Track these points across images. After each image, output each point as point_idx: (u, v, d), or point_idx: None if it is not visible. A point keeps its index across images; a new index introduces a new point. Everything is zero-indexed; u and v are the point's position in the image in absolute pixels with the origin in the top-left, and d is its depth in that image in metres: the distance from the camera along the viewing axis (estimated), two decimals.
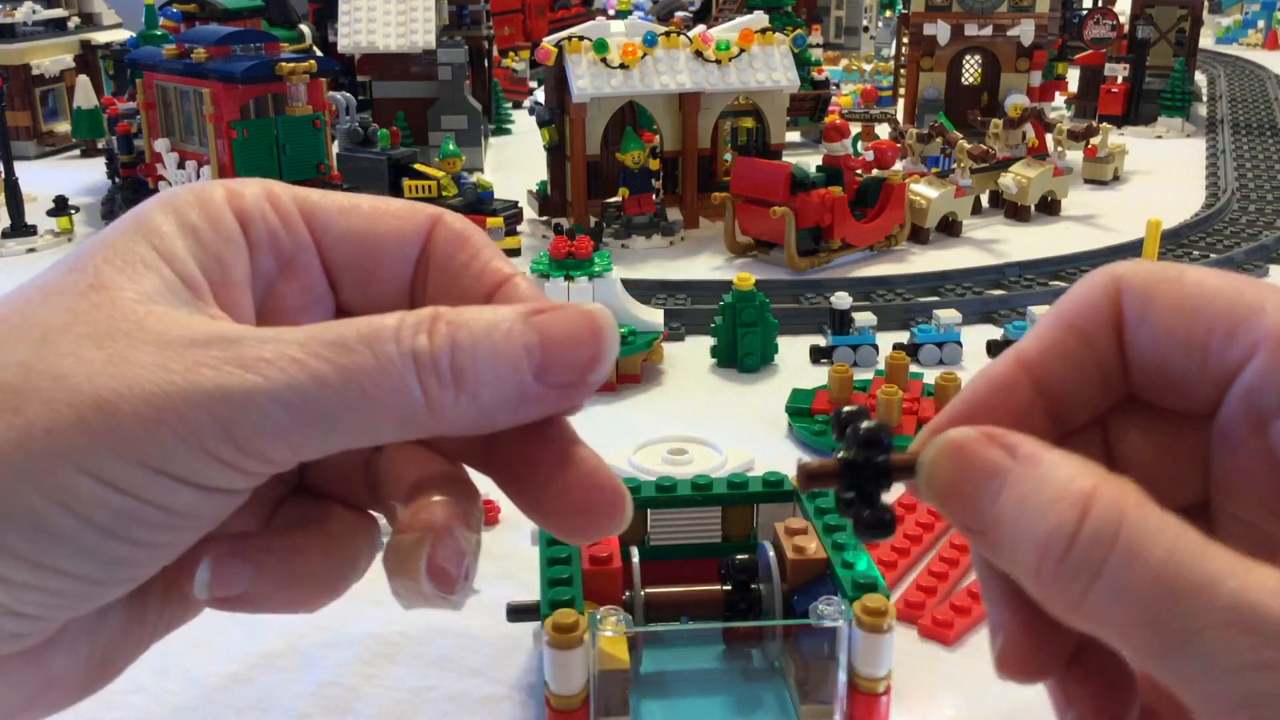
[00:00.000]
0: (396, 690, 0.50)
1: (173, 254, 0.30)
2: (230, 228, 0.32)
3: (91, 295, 0.29)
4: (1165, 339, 0.30)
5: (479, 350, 0.28)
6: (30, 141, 1.88)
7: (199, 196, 0.32)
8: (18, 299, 0.30)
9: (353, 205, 0.34)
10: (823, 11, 2.96)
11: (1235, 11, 3.70)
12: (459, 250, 0.33)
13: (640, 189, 1.34)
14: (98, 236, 0.31)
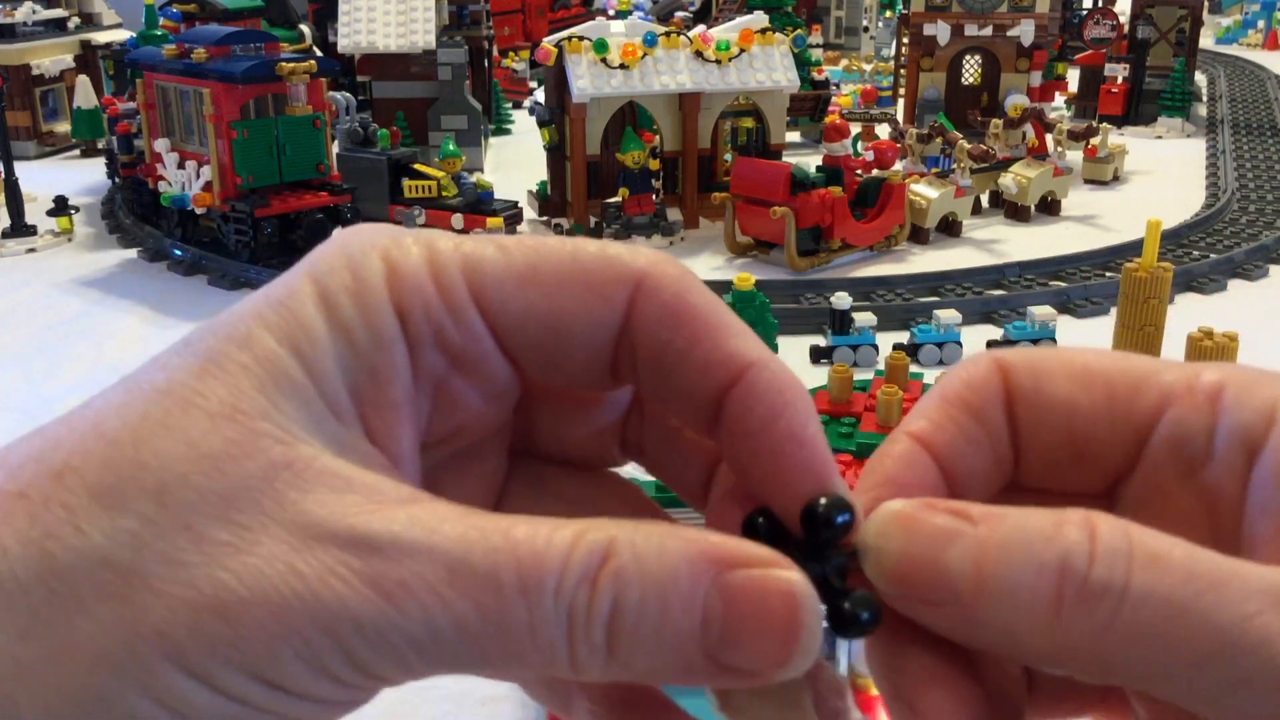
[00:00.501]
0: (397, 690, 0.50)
1: (322, 371, 0.26)
2: (388, 330, 0.26)
3: (224, 425, 0.24)
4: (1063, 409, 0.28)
5: (645, 615, 0.24)
6: (30, 141, 1.88)
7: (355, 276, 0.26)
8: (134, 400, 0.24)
9: (533, 272, 0.27)
10: (823, 11, 2.96)
11: (1235, 11, 3.70)
12: (674, 334, 0.27)
13: (640, 189, 1.34)
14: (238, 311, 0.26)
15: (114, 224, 1.46)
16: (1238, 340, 0.85)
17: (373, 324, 0.26)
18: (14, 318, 1.09)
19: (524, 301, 0.27)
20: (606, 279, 0.27)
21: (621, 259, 0.27)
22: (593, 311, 0.27)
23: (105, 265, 1.30)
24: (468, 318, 0.27)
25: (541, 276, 0.27)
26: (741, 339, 0.27)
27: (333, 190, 1.24)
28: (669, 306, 0.27)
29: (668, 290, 0.27)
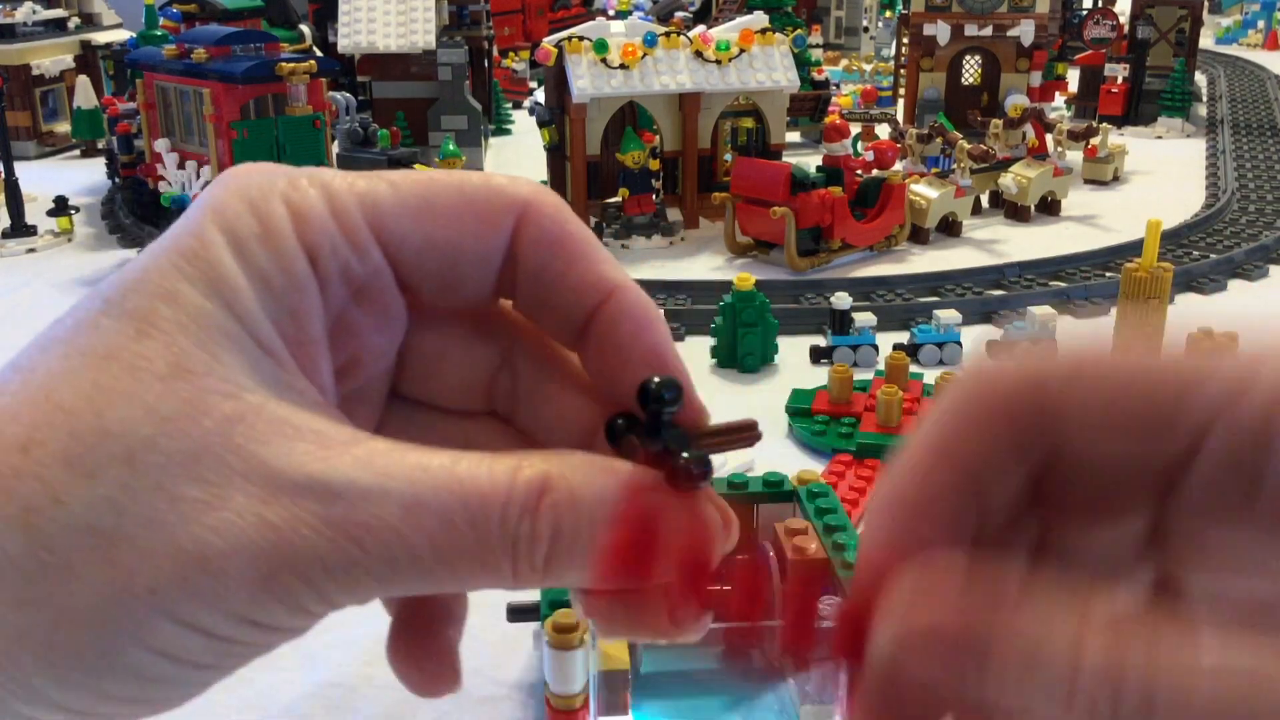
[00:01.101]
0: (396, 690, 0.50)
1: (249, 316, 0.27)
2: (302, 272, 0.28)
3: (176, 385, 0.26)
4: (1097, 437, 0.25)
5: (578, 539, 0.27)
6: (30, 141, 1.88)
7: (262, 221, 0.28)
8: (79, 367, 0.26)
9: (428, 205, 0.29)
10: (823, 12, 2.96)
11: (1235, 11, 3.70)
12: (553, 256, 0.30)
13: (640, 189, 1.34)
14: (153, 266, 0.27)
15: (114, 224, 1.46)
16: (1238, 340, 0.85)
17: (287, 268, 0.28)
18: (14, 318, 1.09)
19: (420, 233, 0.29)
20: (494, 208, 0.30)
21: (506, 189, 0.30)
22: (482, 238, 0.30)
23: (105, 265, 1.31)
24: (370, 252, 0.29)
25: (435, 208, 0.29)
26: (610, 265, 0.30)
27: None
28: (550, 231, 0.30)
29: (548, 217, 0.30)
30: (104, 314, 0.26)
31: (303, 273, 0.28)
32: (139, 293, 0.27)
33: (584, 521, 0.27)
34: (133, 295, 0.26)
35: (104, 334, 0.26)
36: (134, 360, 0.26)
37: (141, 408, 0.25)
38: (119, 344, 0.26)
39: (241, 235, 0.27)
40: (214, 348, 0.26)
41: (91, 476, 0.24)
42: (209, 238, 0.27)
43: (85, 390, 0.25)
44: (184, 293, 0.27)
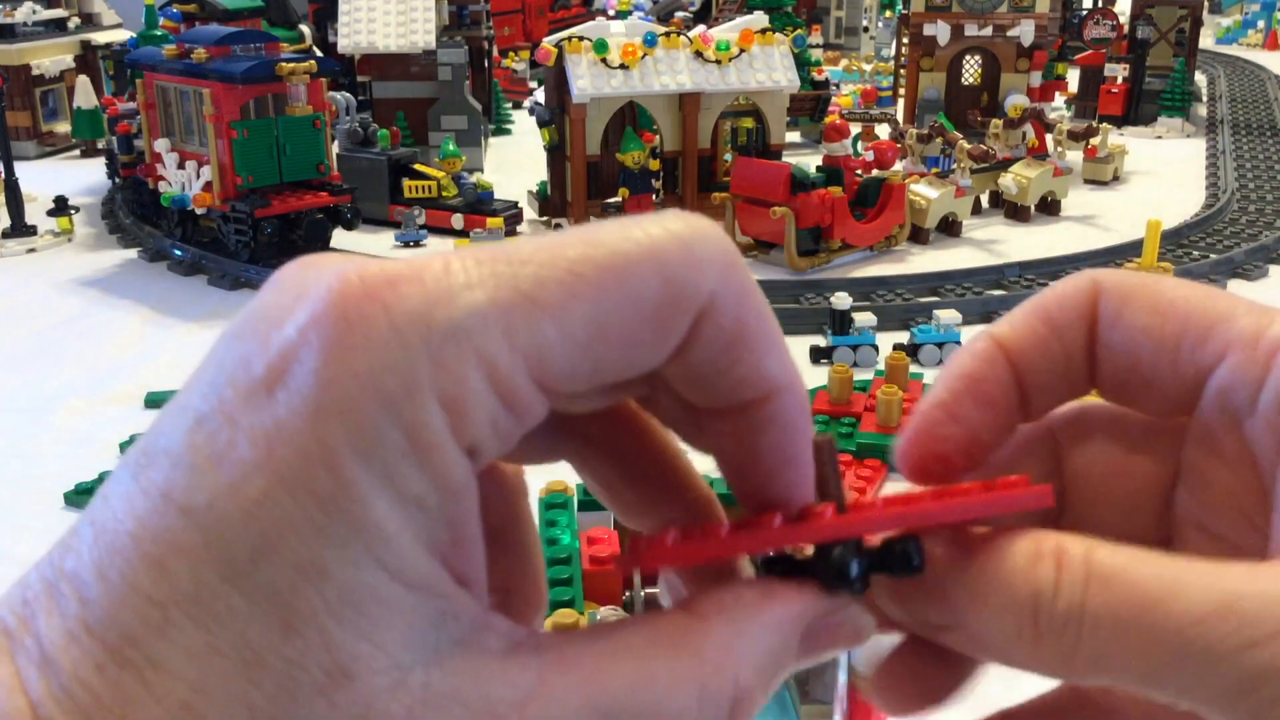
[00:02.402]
0: None
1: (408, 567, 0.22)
2: (460, 479, 0.23)
3: (338, 698, 0.22)
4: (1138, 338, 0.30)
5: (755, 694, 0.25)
6: (30, 141, 1.88)
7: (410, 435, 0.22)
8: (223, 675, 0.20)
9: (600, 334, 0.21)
10: (823, 12, 2.96)
11: (1235, 11, 3.70)
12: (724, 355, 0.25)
13: (640, 189, 1.34)
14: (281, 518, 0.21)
15: (114, 224, 1.46)
16: None
17: (444, 484, 0.23)
18: (14, 318, 1.09)
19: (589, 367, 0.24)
20: (673, 313, 0.25)
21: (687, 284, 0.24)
22: (653, 350, 0.25)
23: (105, 265, 1.30)
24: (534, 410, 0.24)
25: (609, 336, 0.24)
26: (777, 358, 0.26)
27: (333, 190, 1.24)
28: (727, 333, 0.25)
29: (729, 316, 0.25)
30: (233, 586, 0.22)
31: (461, 480, 0.23)
32: (275, 562, 0.22)
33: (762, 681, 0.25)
34: (267, 565, 0.22)
35: (243, 626, 0.22)
36: (288, 670, 0.22)
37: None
38: (265, 644, 0.21)
39: (390, 461, 0.22)
40: (373, 631, 0.22)
41: None
42: (348, 473, 0.22)
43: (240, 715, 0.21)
44: (331, 568, 0.22)
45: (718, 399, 0.27)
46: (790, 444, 0.27)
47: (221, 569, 0.22)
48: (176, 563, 0.22)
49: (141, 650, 0.21)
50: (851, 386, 0.84)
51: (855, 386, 0.86)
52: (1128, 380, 0.31)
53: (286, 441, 0.22)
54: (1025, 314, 0.31)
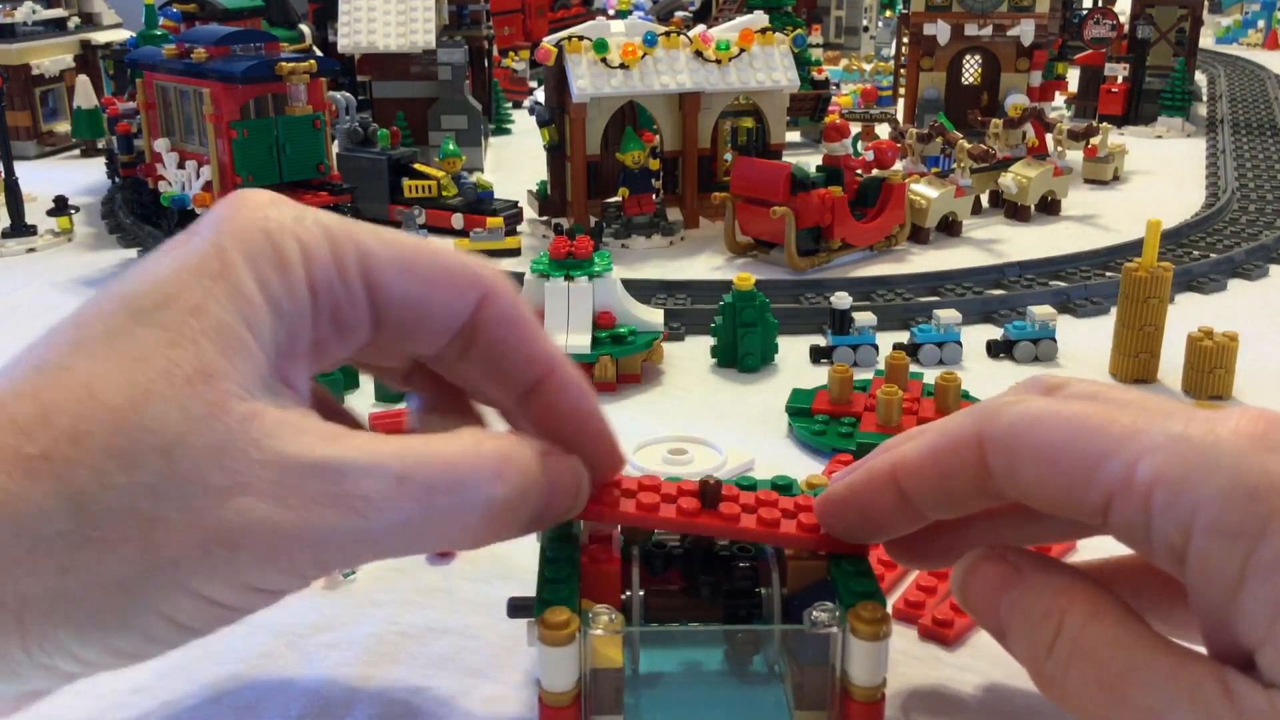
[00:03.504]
0: (396, 690, 0.50)
1: (262, 334, 0.32)
2: (304, 300, 0.33)
3: (202, 388, 0.29)
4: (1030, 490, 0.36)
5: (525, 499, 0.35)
6: (30, 141, 1.88)
7: (278, 251, 0.33)
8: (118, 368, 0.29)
9: (410, 264, 0.35)
10: (823, 11, 2.96)
11: (1235, 11, 3.70)
12: (508, 333, 0.37)
13: (640, 189, 1.34)
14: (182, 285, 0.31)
15: (114, 224, 1.46)
16: (1238, 340, 0.85)
17: (294, 297, 0.33)
18: (14, 318, 1.09)
19: (402, 287, 0.35)
20: (465, 281, 0.36)
21: (474, 268, 0.37)
22: (450, 304, 0.36)
23: (105, 265, 1.31)
24: (359, 296, 0.35)
25: (418, 269, 0.35)
26: (550, 343, 0.39)
27: (333, 190, 1.24)
28: (508, 312, 0.37)
29: (506, 299, 0.37)
30: (138, 324, 0.30)
31: (304, 302, 0.33)
32: (170, 308, 0.31)
33: (531, 484, 0.35)
34: (165, 310, 0.30)
35: (139, 341, 0.30)
36: (167, 365, 0.29)
37: (175, 407, 0.29)
38: (153, 350, 0.30)
39: (260, 263, 0.32)
40: (233, 356, 0.30)
41: (134, 467, 0.28)
42: (233, 260, 0.32)
43: (125, 389, 0.29)
44: (210, 309, 0.31)
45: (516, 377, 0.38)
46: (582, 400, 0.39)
47: (131, 316, 0.31)
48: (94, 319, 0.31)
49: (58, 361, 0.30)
50: (851, 386, 0.84)
51: (855, 386, 0.86)
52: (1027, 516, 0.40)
53: (193, 248, 0.32)
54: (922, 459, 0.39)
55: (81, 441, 0.28)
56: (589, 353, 0.89)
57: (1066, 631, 0.35)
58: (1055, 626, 0.35)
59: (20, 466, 0.27)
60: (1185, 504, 0.31)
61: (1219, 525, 0.30)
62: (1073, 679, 0.34)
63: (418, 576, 0.60)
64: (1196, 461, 0.31)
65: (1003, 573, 0.38)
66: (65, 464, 0.27)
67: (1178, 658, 0.32)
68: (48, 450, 0.27)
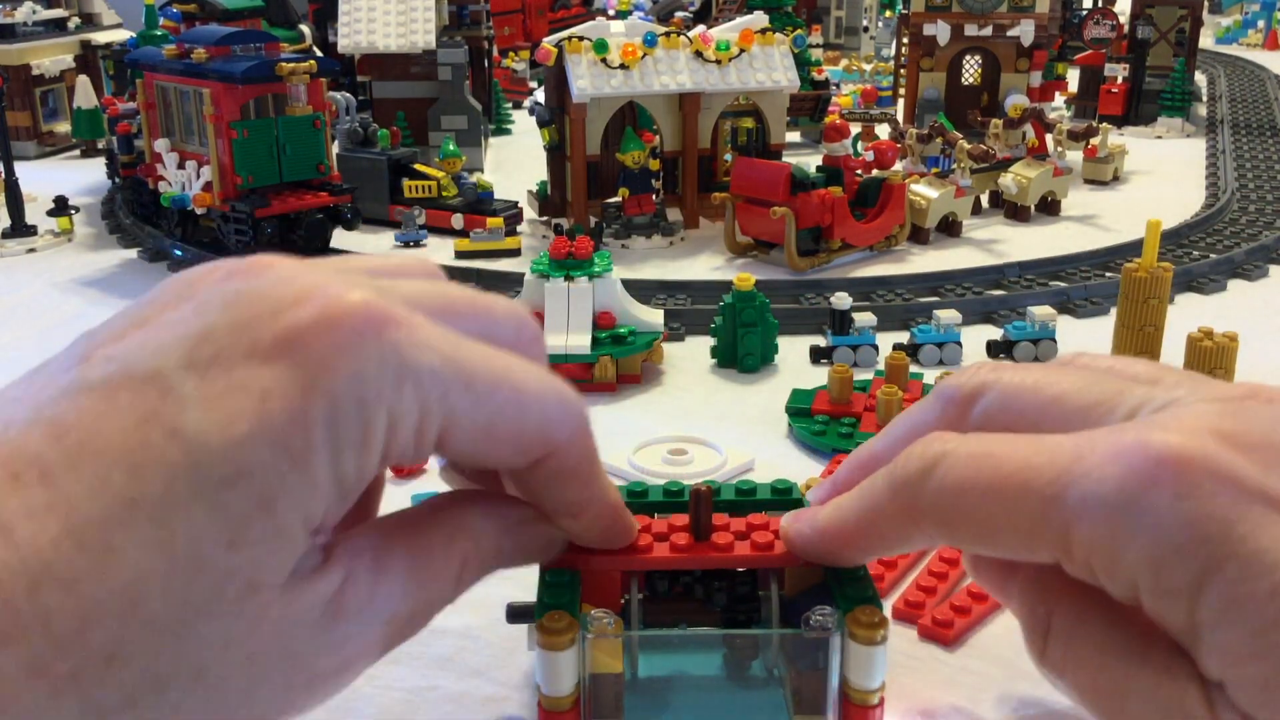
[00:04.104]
0: (396, 690, 0.50)
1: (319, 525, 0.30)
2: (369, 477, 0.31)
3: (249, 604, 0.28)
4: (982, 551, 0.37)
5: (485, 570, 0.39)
6: (30, 141, 1.88)
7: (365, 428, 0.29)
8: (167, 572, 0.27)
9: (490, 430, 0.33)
10: (823, 11, 2.96)
11: (1235, 11, 3.70)
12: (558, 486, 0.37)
13: (640, 189, 1.34)
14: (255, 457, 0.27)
15: (114, 224, 1.46)
16: (1238, 340, 0.85)
17: (363, 479, 0.30)
18: (14, 318, 1.09)
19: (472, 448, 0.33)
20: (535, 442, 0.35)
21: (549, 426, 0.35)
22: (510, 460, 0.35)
23: (105, 265, 1.31)
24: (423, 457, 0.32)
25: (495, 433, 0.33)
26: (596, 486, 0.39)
27: (333, 190, 1.24)
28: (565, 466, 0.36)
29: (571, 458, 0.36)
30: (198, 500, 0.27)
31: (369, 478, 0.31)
32: (238, 491, 0.27)
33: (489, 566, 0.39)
34: (232, 491, 0.27)
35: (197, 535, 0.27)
36: (221, 579, 0.27)
37: (219, 628, 0.27)
38: (210, 556, 0.27)
39: (342, 447, 0.29)
40: (283, 559, 0.29)
41: (164, 689, 0.26)
42: (315, 443, 0.29)
43: (174, 605, 0.26)
44: (278, 509, 0.28)
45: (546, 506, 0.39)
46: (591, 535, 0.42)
47: (193, 485, 0.27)
48: (153, 472, 0.26)
49: (101, 536, 0.25)
50: (851, 386, 0.84)
51: (855, 386, 0.86)
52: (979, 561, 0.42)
53: (279, 401, 0.28)
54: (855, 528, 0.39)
55: (114, 665, 0.26)
56: (589, 353, 0.89)
57: (1055, 634, 0.35)
58: (1044, 631, 0.36)
59: (47, 685, 0.25)
60: (1123, 571, 0.31)
61: (1158, 588, 0.30)
62: (1067, 677, 0.35)
63: None
64: (1119, 528, 0.30)
65: (1003, 560, 0.39)
66: (94, 686, 0.25)
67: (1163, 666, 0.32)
68: (78, 671, 0.25)
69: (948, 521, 0.35)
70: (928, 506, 0.35)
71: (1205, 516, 0.29)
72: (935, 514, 0.36)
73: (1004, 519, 0.34)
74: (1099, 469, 0.31)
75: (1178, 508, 0.30)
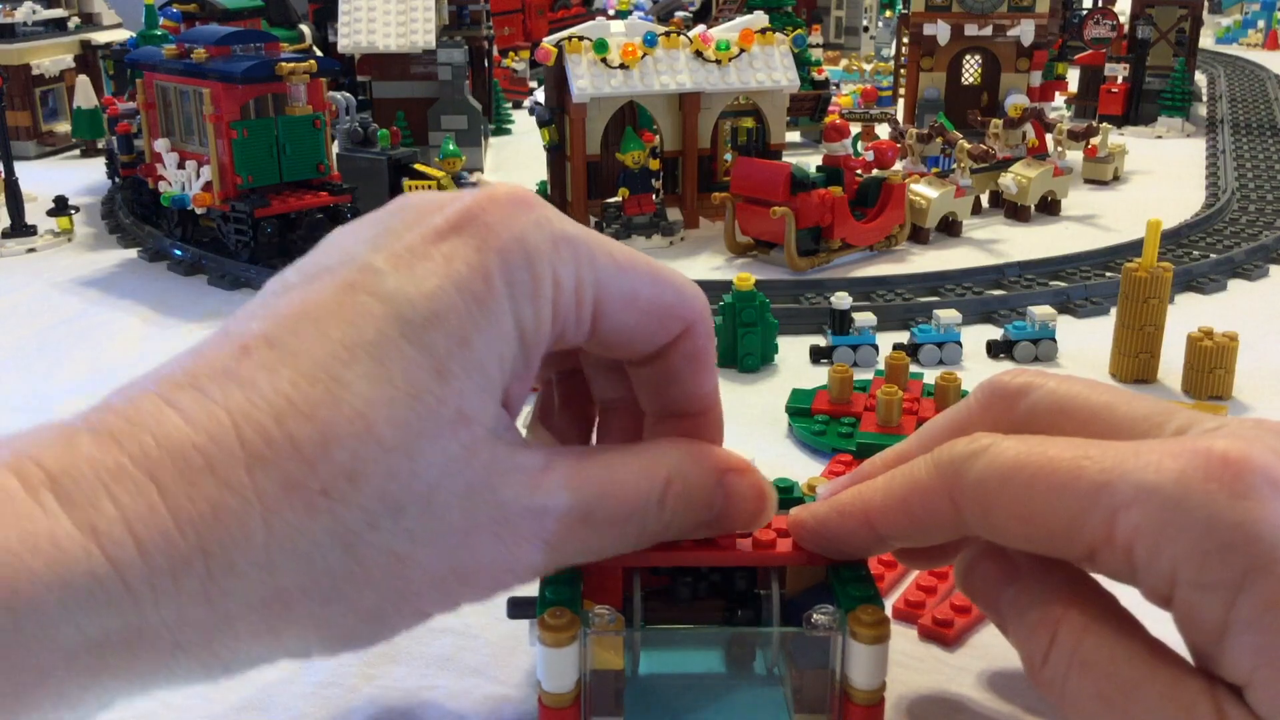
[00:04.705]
0: (396, 690, 0.50)
1: (507, 368, 0.34)
2: (546, 333, 0.35)
3: (462, 432, 0.32)
4: (1009, 540, 0.36)
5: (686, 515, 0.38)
6: (30, 141, 1.88)
7: (536, 282, 0.34)
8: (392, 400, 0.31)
9: (635, 297, 0.37)
10: (823, 11, 2.96)
11: (1235, 11, 3.70)
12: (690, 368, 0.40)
13: (640, 189, 1.34)
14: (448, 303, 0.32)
15: (114, 224, 1.46)
16: (1238, 340, 0.85)
17: (540, 330, 0.35)
18: (14, 318, 1.09)
19: (621, 318, 0.37)
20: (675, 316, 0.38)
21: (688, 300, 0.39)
22: (656, 335, 0.38)
23: (105, 265, 1.31)
24: (585, 325, 0.36)
25: (640, 301, 0.37)
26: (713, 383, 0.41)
27: (333, 190, 1.24)
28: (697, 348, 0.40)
29: (702, 337, 0.40)
30: (407, 340, 0.31)
31: (546, 334, 0.35)
32: (438, 330, 0.32)
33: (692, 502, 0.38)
34: (433, 331, 0.32)
35: (409, 367, 0.31)
36: (436, 405, 0.31)
37: (439, 451, 0.31)
38: (424, 384, 0.31)
39: (518, 293, 0.34)
40: (485, 398, 0.33)
41: (399, 512, 0.30)
42: (496, 288, 0.33)
43: (400, 428, 0.30)
44: (474, 343, 0.32)
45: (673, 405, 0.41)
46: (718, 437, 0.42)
47: (400, 328, 0.31)
48: (364, 323, 0.31)
49: (330, 373, 0.30)
50: (851, 386, 0.84)
51: (855, 386, 0.86)
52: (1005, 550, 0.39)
53: (460, 260, 0.33)
54: (893, 505, 0.39)
55: (357, 482, 0.29)
56: None
57: (1061, 642, 0.35)
58: (1050, 636, 0.35)
59: (303, 500, 0.29)
60: (1164, 560, 0.31)
61: (1198, 581, 0.31)
62: (1069, 688, 0.34)
63: None
64: (1170, 518, 0.31)
65: (1000, 571, 0.38)
66: (342, 503, 0.29)
67: (1173, 675, 0.32)
68: (328, 487, 0.29)
69: (988, 503, 0.36)
70: (971, 485, 0.36)
71: (1259, 518, 0.30)
72: (977, 494, 0.36)
73: (1049, 502, 0.34)
74: (1158, 462, 0.32)
75: (1233, 505, 0.30)
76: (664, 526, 0.38)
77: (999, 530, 0.36)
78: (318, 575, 0.29)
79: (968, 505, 0.36)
